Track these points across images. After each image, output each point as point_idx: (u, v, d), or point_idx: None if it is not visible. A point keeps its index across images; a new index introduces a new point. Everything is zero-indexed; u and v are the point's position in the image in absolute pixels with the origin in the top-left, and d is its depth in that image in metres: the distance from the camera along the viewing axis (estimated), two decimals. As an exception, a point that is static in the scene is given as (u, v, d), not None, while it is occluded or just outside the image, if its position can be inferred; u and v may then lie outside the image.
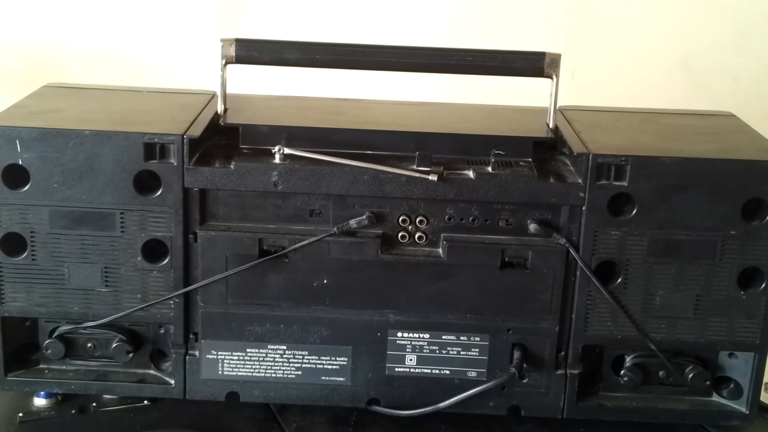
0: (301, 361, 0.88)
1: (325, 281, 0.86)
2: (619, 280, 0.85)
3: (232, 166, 0.83)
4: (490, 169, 0.84)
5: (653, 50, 0.91)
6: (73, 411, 0.90)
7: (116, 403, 0.91)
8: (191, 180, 0.83)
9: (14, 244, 0.85)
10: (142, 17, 1.52)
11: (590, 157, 0.82)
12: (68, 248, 0.85)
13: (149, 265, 0.85)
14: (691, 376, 0.88)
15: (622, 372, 0.88)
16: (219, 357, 0.88)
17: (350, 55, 0.88)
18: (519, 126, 0.94)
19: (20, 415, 0.89)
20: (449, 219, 0.85)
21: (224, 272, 0.85)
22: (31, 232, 0.84)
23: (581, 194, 0.83)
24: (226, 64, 0.88)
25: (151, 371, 0.90)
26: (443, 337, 0.87)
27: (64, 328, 0.88)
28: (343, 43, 0.89)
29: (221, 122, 0.89)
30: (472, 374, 0.88)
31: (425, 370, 0.88)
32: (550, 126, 0.91)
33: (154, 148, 0.82)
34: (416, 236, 0.86)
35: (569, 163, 0.87)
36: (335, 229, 0.84)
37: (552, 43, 0.96)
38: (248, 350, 0.88)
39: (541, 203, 0.84)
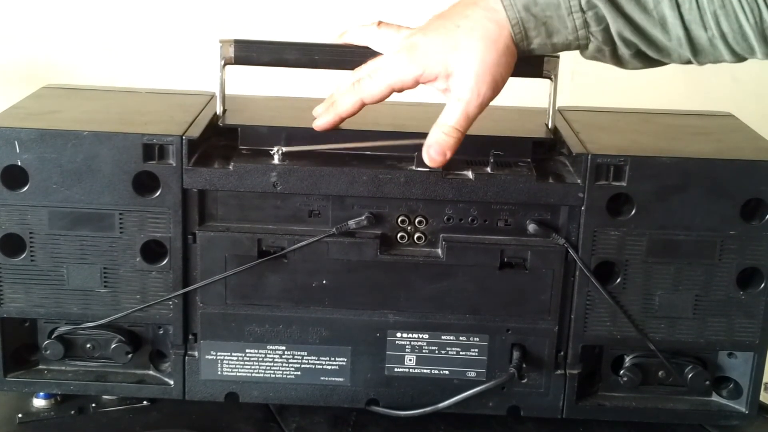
0: (300, 361, 0.88)
1: (324, 282, 0.86)
2: (618, 280, 0.85)
3: (231, 167, 0.83)
4: (489, 169, 0.84)
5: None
6: (73, 411, 0.90)
7: (115, 404, 0.91)
8: (190, 181, 0.83)
9: (13, 244, 0.85)
10: (141, 17, 1.53)
11: (589, 157, 0.82)
12: (67, 249, 0.85)
13: (148, 266, 0.85)
14: (690, 376, 0.88)
15: (621, 372, 0.88)
16: (218, 357, 0.88)
17: (349, 56, 0.88)
18: (518, 126, 0.94)
19: (19, 415, 0.89)
20: (448, 219, 0.85)
21: (223, 273, 0.85)
22: (30, 232, 0.84)
23: (580, 194, 0.83)
24: (225, 65, 0.88)
25: (151, 372, 0.90)
26: (442, 337, 0.87)
27: (63, 328, 0.88)
28: (343, 44, 0.89)
29: (220, 123, 0.89)
30: (472, 374, 0.88)
31: (424, 371, 0.88)
32: (549, 126, 0.91)
33: (153, 149, 0.82)
34: (415, 237, 0.86)
35: (568, 164, 0.87)
36: (334, 229, 0.84)
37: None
38: (247, 351, 0.88)
39: (540, 203, 0.84)
